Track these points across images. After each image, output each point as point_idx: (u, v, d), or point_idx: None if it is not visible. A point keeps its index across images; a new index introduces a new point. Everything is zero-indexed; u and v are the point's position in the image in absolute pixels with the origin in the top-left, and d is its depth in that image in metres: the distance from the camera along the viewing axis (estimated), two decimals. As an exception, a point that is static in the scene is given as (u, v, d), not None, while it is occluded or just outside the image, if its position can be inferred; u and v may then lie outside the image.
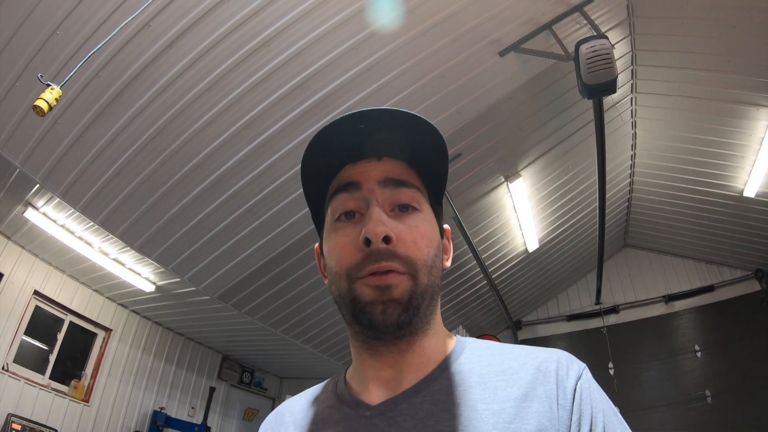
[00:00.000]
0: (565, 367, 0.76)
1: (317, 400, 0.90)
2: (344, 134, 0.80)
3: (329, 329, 6.64)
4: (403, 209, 0.81)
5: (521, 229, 6.58)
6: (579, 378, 0.75)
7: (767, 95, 4.98)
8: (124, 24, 2.81)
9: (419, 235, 0.79)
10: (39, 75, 2.32)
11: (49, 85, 2.28)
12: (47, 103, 2.25)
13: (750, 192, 6.05)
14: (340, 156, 0.84)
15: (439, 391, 0.77)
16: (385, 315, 0.74)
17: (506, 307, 7.75)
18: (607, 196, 5.76)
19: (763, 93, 4.97)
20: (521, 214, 6.24)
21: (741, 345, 7.13)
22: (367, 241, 0.74)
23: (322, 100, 4.08)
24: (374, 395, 0.81)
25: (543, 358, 0.79)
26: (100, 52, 3.05)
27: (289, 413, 0.92)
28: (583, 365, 0.78)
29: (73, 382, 5.95)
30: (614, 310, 8.33)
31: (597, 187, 5.53)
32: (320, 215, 0.90)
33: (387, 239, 0.74)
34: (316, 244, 0.94)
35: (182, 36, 3.43)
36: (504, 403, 0.73)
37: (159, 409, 6.79)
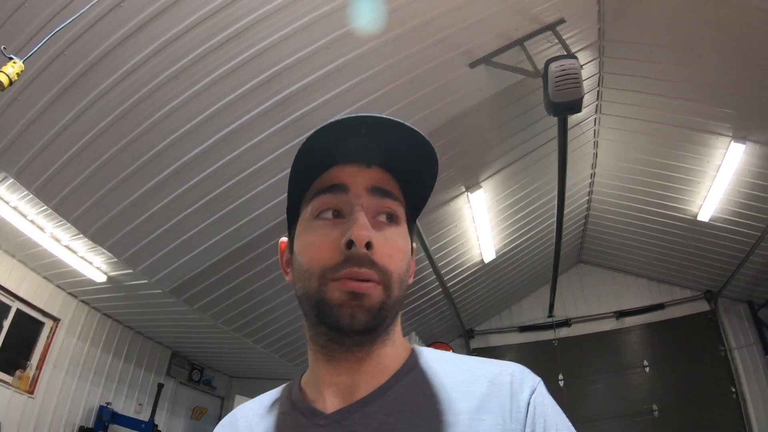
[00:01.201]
0: (519, 381, 0.76)
1: (272, 406, 0.89)
2: (343, 134, 0.79)
3: (282, 329, 6.57)
4: (384, 220, 0.81)
5: (479, 240, 6.64)
6: (533, 392, 0.75)
7: (727, 125, 5.17)
8: (95, 1, 2.75)
9: (395, 248, 0.79)
10: (2, 47, 2.24)
11: (11, 59, 2.20)
12: (8, 77, 2.17)
13: (704, 216, 6.27)
14: (332, 155, 0.82)
15: (394, 401, 0.77)
16: (353, 319, 0.73)
17: (460, 316, 7.82)
18: (565, 212, 5.87)
19: (723, 122, 5.17)
20: (480, 224, 6.31)
21: (688, 362, 7.43)
22: (350, 244, 0.73)
23: (289, 97, 4.05)
24: (329, 403, 0.80)
25: (498, 371, 0.78)
26: (67, 29, 2.94)
27: (242, 418, 0.91)
28: (538, 379, 0.78)
29: (17, 372, 5.73)
30: (566, 323, 8.49)
31: (556, 202, 5.64)
32: (295, 209, 0.88)
33: (369, 245, 0.74)
34: (281, 239, 0.93)
35: (153, 20, 3.36)
36: (458, 415, 0.72)
37: (105, 404, 6.60)
